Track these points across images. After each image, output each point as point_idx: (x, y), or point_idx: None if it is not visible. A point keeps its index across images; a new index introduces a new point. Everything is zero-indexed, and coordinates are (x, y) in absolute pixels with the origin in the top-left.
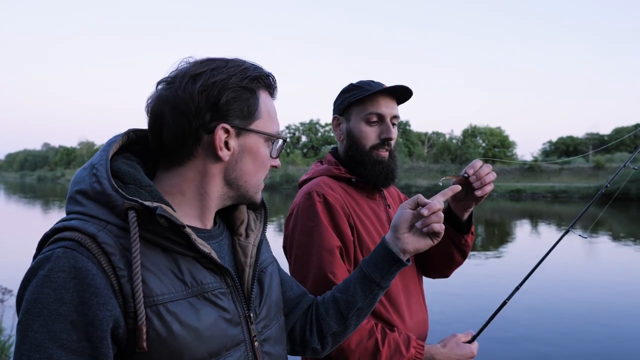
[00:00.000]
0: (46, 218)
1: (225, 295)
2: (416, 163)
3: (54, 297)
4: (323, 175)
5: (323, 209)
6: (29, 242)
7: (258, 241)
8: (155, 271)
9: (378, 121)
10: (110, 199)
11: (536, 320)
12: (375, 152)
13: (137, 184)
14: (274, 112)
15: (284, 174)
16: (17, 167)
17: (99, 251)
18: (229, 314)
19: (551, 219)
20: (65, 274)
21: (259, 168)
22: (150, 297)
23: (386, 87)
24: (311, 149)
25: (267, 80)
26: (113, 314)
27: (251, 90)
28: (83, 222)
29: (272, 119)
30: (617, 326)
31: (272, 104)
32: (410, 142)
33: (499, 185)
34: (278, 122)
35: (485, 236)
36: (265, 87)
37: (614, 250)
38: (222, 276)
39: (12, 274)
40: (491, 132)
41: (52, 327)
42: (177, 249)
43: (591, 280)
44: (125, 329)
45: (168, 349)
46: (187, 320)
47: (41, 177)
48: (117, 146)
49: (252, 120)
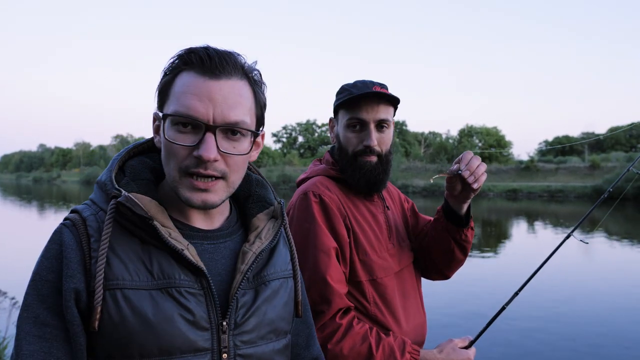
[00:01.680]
0: (42, 220)
1: (194, 296)
2: (413, 163)
3: (46, 264)
4: (320, 175)
5: (319, 210)
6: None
7: (260, 250)
8: (123, 258)
9: (360, 127)
10: (106, 188)
11: (534, 322)
12: (360, 158)
13: (132, 176)
14: (190, 90)
15: (280, 174)
16: (13, 168)
17: (84, 232)
18: (191, 315)
19: (548, 218)
20: (57, 246)
21: (165, 154)
22: (111, 280)
23: (364, 93)
24: (308, 149)
25: (187, 57)
26: (77, 286)
27: (167, 73)
28: (87, 206)
29: (177, 98)
30: (615, 326)
31: (190, 82)
32: (407, 142)
33: (495, 184)
34: (190, 98)
35: (482, 236)
36: (184, 65)
37: (610, 250)
38: (197, 276)
39: (4, 277)
40: (487, 131)
41: (41, 290)
42: (151, 241)
43: (588, 280)
44: (87, 305)
45: (117, 334)
46: (141, 310)
47: (37, 179)
48: (146, 146)
49: (163, 105)
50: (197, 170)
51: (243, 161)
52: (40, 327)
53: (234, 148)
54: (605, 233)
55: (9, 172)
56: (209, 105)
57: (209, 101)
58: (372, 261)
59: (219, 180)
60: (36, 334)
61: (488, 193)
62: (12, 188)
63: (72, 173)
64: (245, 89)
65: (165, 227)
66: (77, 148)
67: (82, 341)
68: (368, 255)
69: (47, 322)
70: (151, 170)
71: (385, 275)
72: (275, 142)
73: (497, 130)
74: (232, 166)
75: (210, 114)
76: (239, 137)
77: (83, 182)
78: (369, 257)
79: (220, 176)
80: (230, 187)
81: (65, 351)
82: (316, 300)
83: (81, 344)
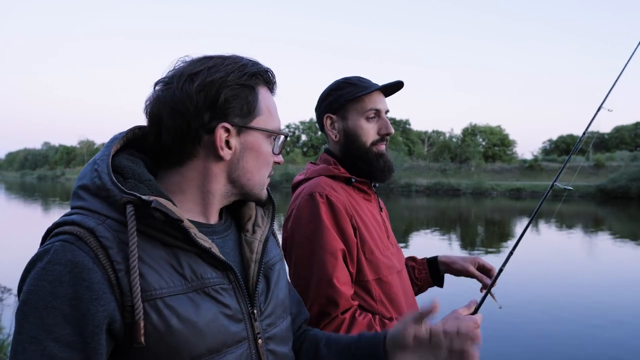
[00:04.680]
0: (46, 217)
1: (226, 291)
2: (416, 162)
3: (50, 289)
4: (322, 175)
5: (326, 211)
6: (28, 241)
7: (265, 237)
8: (153, 265)
9: (375, 117)
10: (110, 193)
11: (538, 323)
12: (374, 147)
13: (136, 178)
14: (274, 108)
15: (283, 172)
16: (18, 166)
17: (97, 245)
18: (230, 310)
19: (552, 217)
20: (61, 267)
21: (261, 165)
22: (148, 291)
23: (385, 84)
24: (311, 148)
25: (266, 76)
26: (107, 308)
27: (250, 87)
28: (83, 216)
29: (272, 115)
30: (617, 325)
31: (271, 100)
32: (410, 141)
33: (498, 183)
34: (279, 118)
35: (485, 235)
36: (264, 83)
37: (613, 249)
38: (224, 272)
39: (11, 273)
40: (491, 130)
41: (46, 319)
42: (176, 243)
43: (591, 279)
44: (122, 323)
45: (166, 344)
46: (186, 315)
47: (41, 176)
48: (122, 142)
49: (252, 118)
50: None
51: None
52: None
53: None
54: (609, 232)
55: (13, 170)
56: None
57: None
58: (378, 260)
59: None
60: None
61: (491, 192)
62: (17, 185)
63: (76, 171)
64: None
65: (191, 228)
66: (81, 146)
67: None
68: (374, 254)
69: (54, 355)
70: (146, 169)
71: (390, 273)
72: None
73: (501, 129)
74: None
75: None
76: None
77: None
78: (375, 256)
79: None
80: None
81: None
82: (322, 302)
83: None
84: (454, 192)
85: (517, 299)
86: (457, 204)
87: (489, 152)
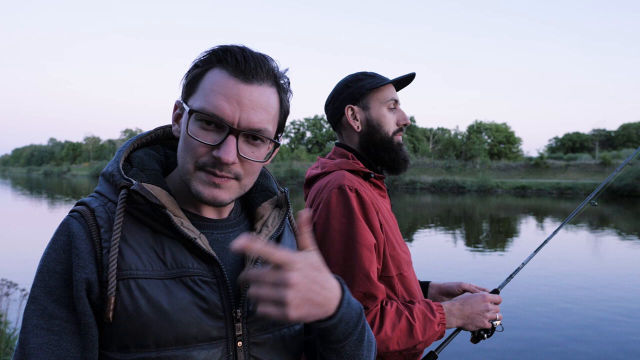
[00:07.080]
0: (52, 212)
1: (208, 285)
2: (421, 159)
3: (54, 256)
4: (343, 170)
5: (358, 204)
6: (32, 239)
7: (268, 238)
8: (136, 247)
9: (394, 108)
10: (114, 178)
11: (546, 322)
12: (395, 136)
13: (140, 167)
14: (220, 89)
15: (288, 169)
16: (24, 162)
17: (93, 223)
18: (206, 304)
19: (557, 215)
20: (64, 238)
21: (183, 147)
22: (124, 270)
23: (400, 77)
24: (316, 145)
25: (222, 55)
26: (88, 277)
27: (198, 65)
28: (93, 198)
29: (206, 95)
30: (623, 323)
31: (222, 81)
32: (415, 138)
33: (504, 181)
34: (219, 98)
35: (490, 233)
36: (218, 62)
37: (620, 247)
38: (209, 265)
39: (16, 269)
40: (497, 128)
41: (49, 282)
42: (162, 230)
43: (597, 277)
44: (99, 296)
45: (133, 325)
46: (156, 299)
47: (47, 172)
48: (149, 138)
49: (189, 97)
50: (213, 170)
51: (259, 166)
52: (48, 319)
53: (252, 153)
54: (615, 230)
55: (20, 166)
56: (236, 108)
57: (237, 104)
58: (399, 255)
59: (232, 180)
60: (44, 326)
61: (497, 190)
62: (23, 181)
63: (82, 167)
64: (273, 97)
65: (177, 217)
66: (86, 142)
67: (94, 332)
68: (395, 250)
69: (55, 314)
70: (157, 161)
71: (408, 268)
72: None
73: (507, 127)
74: (248, 170)
75: (236, 117)
76: (259, 143)
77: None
78: (396, 252)
79: (234, 177)
80: (241, 189)
81: (74, 344)
82: (360, 296)
83: (93, 336)
84: (458, 190)
85: (522, 298)
86: (462, 201)
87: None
